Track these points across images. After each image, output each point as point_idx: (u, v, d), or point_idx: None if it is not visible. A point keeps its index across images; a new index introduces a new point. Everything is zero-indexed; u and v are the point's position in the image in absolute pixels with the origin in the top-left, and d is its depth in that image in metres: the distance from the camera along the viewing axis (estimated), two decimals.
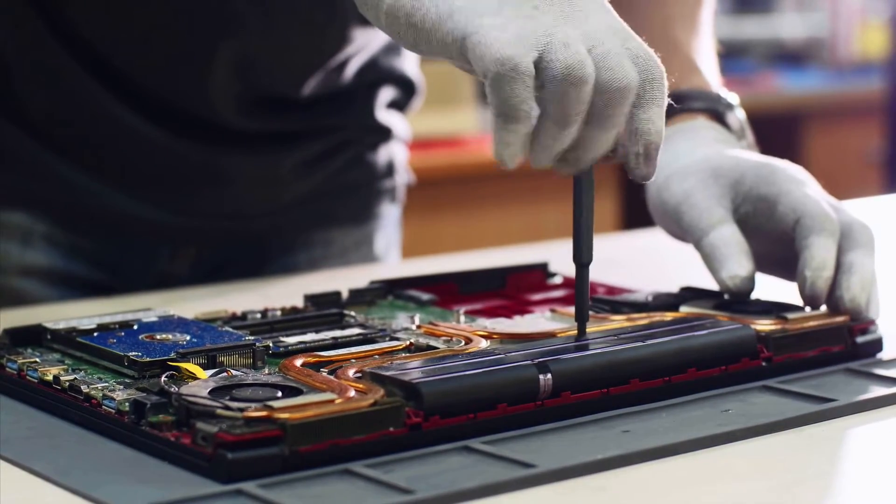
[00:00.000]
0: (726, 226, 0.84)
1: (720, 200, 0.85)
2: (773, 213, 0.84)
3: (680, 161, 0.88)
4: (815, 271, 0.80)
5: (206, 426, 0.61)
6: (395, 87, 1.14)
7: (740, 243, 0.83)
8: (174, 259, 1.07)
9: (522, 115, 0.67)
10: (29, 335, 0.78)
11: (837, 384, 0.75)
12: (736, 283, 0.82)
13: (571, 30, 0.68)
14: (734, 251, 0.83)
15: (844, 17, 4.12)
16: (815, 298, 0.80)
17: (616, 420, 0.69)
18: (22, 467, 0.63)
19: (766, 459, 0.66)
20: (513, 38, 0.66)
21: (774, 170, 0.86)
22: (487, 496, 0.60)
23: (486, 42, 0.66)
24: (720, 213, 0.85)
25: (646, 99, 0.69)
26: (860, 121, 3.70)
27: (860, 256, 0.82)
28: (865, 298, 0.81)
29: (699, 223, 0.85)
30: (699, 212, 0.85)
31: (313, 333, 0.78)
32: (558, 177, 0.72)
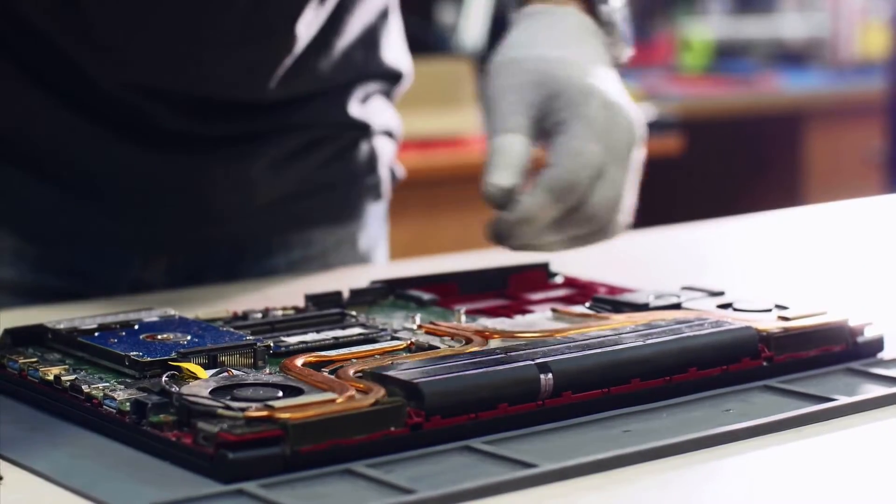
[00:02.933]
0: (512, 135, 0.83)
1: (528, 108, 0.84)
2: (547, 133, 0.85)
3: (519, 51, 0.87)
4: (519, 216, 0.82)
5: (208, 426, 0.61)
6: (376, 81, 1.12)
7: (516, 155, 0.83)
8: (146, 266, 1.05)
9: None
10: (30, 335, 0.78)
11: (838, 384, 0.75)
12: (489, 191, 0.82)
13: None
14: (504, 161, 0.83)
15: (845, 17, 4.12)
16: (500, 232, 0.82)
17: (617, 420, 0.69)
18: (22, 467, 0.63)
19: (766, 459, 0.66)
20: None
21: (588, 104, 0.84)
22: (488, 496, 0.60)
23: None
24: (516, 121, 0.84)
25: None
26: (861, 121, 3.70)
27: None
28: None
29: (494, 125, 0.84)
30: (500, 114, 0.85)
31: (314, 333, 0.78)
32: None
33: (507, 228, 0.82)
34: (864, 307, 0.87)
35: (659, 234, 1.31)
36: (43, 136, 1.01)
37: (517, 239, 0.83)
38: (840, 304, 0.82)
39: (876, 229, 1.31)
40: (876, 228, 1.32)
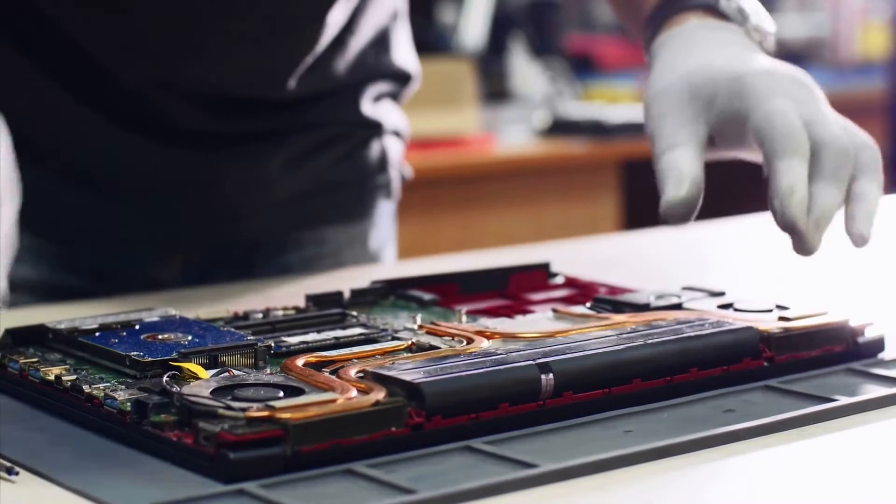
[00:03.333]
0: (679, 149, 0.82)
1: (691, 123, 0.83)
2: (743, 132, 0.83)
3: (665, 78, 0.86)
4: (783, 199, 0.79)
5: (208, 426, 0.61)
6: (386, 81, 1.13)
7: (684, 166, 0.81)
8: (162, 265, 1.06)
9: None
10: (31, 335, 0.78)
11: (839, 384, 0.75)
12: (664, 208, 0.81)
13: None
14: (673, 175, 0.81)
15: (845, 17, 4.12)
16: (790, 226, 0.79)
17: (618, 420, 0.69)
18: (22, 467, 0.63)
19: (767, 459, 0.66)
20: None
21: (745, 84, 0.83)
22: (489, 496, 0.60)
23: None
24: (682, 135, 0.83)
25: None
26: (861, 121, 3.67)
27: (865, 183, 0.82)
28: (871, 228, 0.81)
29: (658, 147, 0.83)
30: (663, 137, 0.83)
31: (315, 333, 0.78)
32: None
33: (793, 213, 0.79)
34: (864, 307, 0.87)
35: (659, 234, 1.31)
36: (60, 134, 1.01)
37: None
38: (841, 304, 0.81)
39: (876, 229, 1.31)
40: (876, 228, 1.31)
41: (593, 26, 3.91)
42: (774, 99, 0.82)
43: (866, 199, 0.81)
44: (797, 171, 0.79)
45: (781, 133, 0.80)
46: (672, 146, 0.82)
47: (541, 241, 1.31)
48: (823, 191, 0.80)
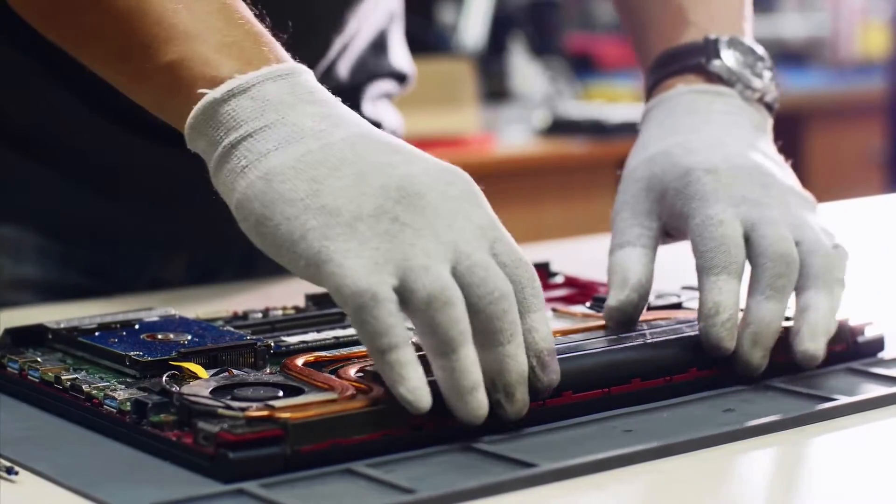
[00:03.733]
0: (626, 249, 0.79)
1: (644, 218, 0.80)
2: (685, 236, 0.79)
3: (636, 158, 0.83)
4: (706, 319, 0.73)
5: (208, 426, 0.61)
6: (384, 81, 1.13)
7: (628, 270, 0.77)
8: (166, 264, 1.06)
9: (396, 340, 0.62)
10: (30, 335, 0.78)
11: (838, 383, 0.75)
12: (607, 315, 0.77)
13: (433, 244, 0.64)
14: (616, 280, 0.78)
15: (846, 16, 4.12)
16: (715, 349, 0.73)
17: (617, 420, 0.69)
18: (22, 467, 0.63)
19: (767, 459, 0.66)
20: (368, 265, 0.63)
21: (689, 183, 0.79)
22: (489, 496, 0.60)
23: (339, 273, 0.63)
24: (633, 233, 0.80)
25: (523, 307, 0.66)
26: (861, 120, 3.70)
27: (812, 295, 0.76)
28: (821, 345, 0.75)
29: (612, 242, 0.80)
30: (616, 232, 0.81)
31: (315, 333, 0.78)
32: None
33: (717, 335, 0.74)
34: (864, 307, 0.87)
35: None
36: (66, 134, 1.01)
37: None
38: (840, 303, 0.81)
39: (876, 229, 1.31)
40: (876, 228, 1.31)
41: (593, 26, 3.91)
42: (713, 205, 0.77)
43: (813, 312, 0.75)
44: (724, 288, 0.74)
45: (710, 247, 0.75)
46: (621, 244, 0.79)
47: (540, 240, 1.31)
48: (759, 305, 0.74)
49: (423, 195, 0.65)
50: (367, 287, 0.62)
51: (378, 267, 0.63)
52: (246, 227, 0.67)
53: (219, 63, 0.68)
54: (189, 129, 0.69)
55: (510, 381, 0.65)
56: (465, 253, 0.64)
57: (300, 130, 0.67)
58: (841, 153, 3.68)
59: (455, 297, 0.63)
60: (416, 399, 0.62)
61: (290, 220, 0.65)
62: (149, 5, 0.70)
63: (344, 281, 0.63)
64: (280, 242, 0.65)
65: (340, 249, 0.63)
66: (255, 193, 0.66)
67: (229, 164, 0.67)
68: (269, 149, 0.66)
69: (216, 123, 0.68)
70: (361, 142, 0.67)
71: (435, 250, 0.64)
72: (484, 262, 0.65)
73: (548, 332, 0.67)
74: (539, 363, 0.67)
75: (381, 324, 0.62)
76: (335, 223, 0.64)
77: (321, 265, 0.64)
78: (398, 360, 0.62)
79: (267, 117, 0.67)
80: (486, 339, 0.64)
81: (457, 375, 0.63)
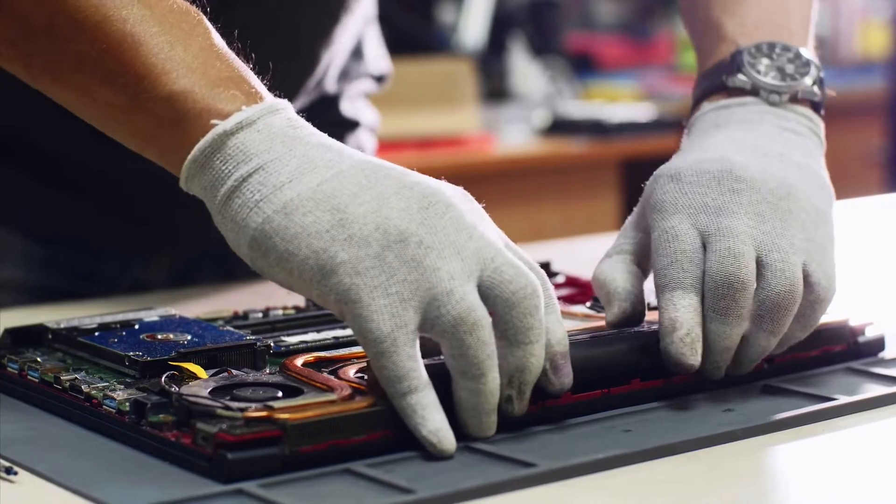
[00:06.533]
0: (602, 262, 0.77)
1: (630, 230, 0.79)
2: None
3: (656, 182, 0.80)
4: (663, 336, 0.71)
5: (207, 426, 0.61)
6: (362, 81, 1.13)
7: (610, 284, 0.75)
8: (149, 266, 1.06)
9: (415, 384, 0.63)
10: (30, 335, 0.78)
11: (838, 383, 0.75)
12: (607, 319, 0.76)
13: (457, 264, 0.64)
14: (602, 294, 0.76)
15: (846, 16, 4.12)
16: (677, 365, 0.71)
17: (616, 420, 0.69)
18: (22, 467, 0.63)
19: (766, 459, 0.66)
20: (394, 303, 0.63)
21: (654, 192, 0.77)
22: (488, 496, 0.60)
23: (365, 316, 0.63)
24: (615, 246, 0.78)
25: (546, 308, 0.66)
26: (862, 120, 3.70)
27: (753, 332, 0.72)
28: (720, 373, 0.73)
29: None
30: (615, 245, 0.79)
31: (314, 333, 0.78)
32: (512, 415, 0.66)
33: (677, 352, 0.71)
34: (864, 307, 0.87)
35: None
36: (49, 139, 1.01)
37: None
38: (841, 303, 0.81)
39: (876, 229, 1.31)
40: (876, 228, 1.31)
41: (593, 26, 3.91)
42: (670, 217, 0.75)
43: (754, 345, 0.73)
44: (680, 304, 0.72)
45: (664, 264, 0.73)
46: (607, 254, 0.78)
47: (540, 240, 1.31)
48: (707, 324, 0.72)
49: (445, 212, 0.65)
50: (389, 332, 0.63)
51: (403, 304, 0.63)
52: (265, 264, 0.66)
53: (223, 96, 0.68)
54: (191, 163, 0.67)
55: (528, 380, 0.65)
56: (489, 258, 0.65)
57: (311, 161, 0.66)
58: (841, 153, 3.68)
59: (481, 318, 0.64)
60: (439, 441, 0.63)
61: (318, 253, 0.64)
62: (143, 37, 0.69)
63: (368, 325, 0.63)
64: (309, 277, 0.64)
65: (369, 286, 0.63)
66: (275, 229, 0.65)
67: (240, 198, 0.66)
68: (284, 181, 0.65)
69: (224, 157, 0.67)
70: (369, 167, 0.67)
71: (459, 269, 0.64)
72: (510, 260, 0.65)
73: (563, 335, 0.67)
74: (552, 366, 0.67)
75: (399, 369, 0.63)
76: (365, 255, 0.64)
77: (349, 304, 0.64)
78: (418, 403, 0.63)
79: (276, 150, 0.66)
80: (515, 336, 0.65)
81: (481, 399, 0.64)
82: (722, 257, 0.72)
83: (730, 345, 0.72)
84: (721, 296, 0.71)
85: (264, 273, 0.66)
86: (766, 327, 0.72)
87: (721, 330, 0.72)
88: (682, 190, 0.76)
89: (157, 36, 0.69)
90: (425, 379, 0.64)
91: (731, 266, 0.72)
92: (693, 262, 0.73)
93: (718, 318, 0.72)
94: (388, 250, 0.64)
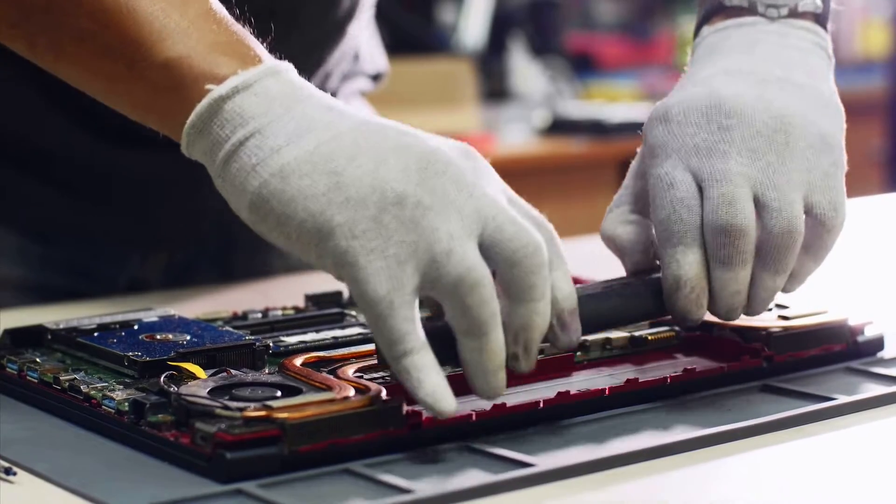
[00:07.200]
0: (605, 220, 0.78)
1: (629, 179, 0.79)
2: None
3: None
4: (668, 294, 0.72)
5: (205, 426, 0.61)
6: (359, 79, 1.13)
7: (612, 240, 0.77)
8: (145, 263, 1.06)
9: (411, 346, 0.63)
10: (30, 335, 0.78)
11: (838, 383, 0.75)
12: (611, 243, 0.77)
13: (456, 223, 0.63)
14: (612, 248, 0.77)
15: (846, 15, 4.11)
16: (683, 321, 0.72)
17: (616, 420, 0.69)
18: (21, 467, 0.63)
19: (766, 459, 0.66)
20: (391, 266, 0.62)
21: (648, 134, 0.76)
22: (487, 496, 0.60)
23: (362, 278, 0.62)
24: (619, 194, 0.78)
25: (552, 264, 0.66)
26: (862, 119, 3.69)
27: (758, 273, 0.72)
28: (734, 316, 0.73)
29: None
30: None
31: (314, 333, 0.78)
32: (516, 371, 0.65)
33: (682, 307, 0.72)
34: (864, 306, 0.87)
35: None
36: (45, 137, 1.01)
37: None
38: (840, 303, 0.81)
39: (876, 229, 1.31)
40: (876, 228, 1.31)
41: (593, 26, 3.91)
42: (664, 162, 0.74)
43: (761, 286, 0.72)
44: (683, 260, 0.72)
45: (663, 216, 0.73)
46: (610, 208, 0.78)
47: None
48: (715, 276, 0.72)
49: (444, 171, 0.64)
50: (385, 294, 0.62)
51: (401, 266, 0.63)
52: (265, 227, 0.66)
53: (219, 61, 0.67)
54: (190, 129, 0.67)
55: (534, 337, 0.65)
56: (490, 216, 0.64)
57: (308, 123, 0.66)
58: None
59: (482, 277, 0.63)
60: (436, 402, 0.63)
61: (314, 216, 0.64)
62: (138, 5, 0.69)
63: (365, 288, 0.63)
64: (307, 240, 0.64)
65: (366, 249, 0.63)
66: (272, 192, 0.65)
67: (238, 162, 0.66)
68: (280, 144, 0.65)
69: (221, 121, 0.67)
70: (370, 128, 0.66)
71: (459, 229, 0.63)
72: (512, 218, 0.64)
73: (571, 291, 0.67)
74: (559, 322, 0.67)
75: (395, 331, 0.63)
76: (361, 217, 0.63)
77: (347, 267, 0.63)
78: (414, 366, 0.63)
79: (273, 112, 0.66)
80: (519, 293, 0.64)
81: (486, 357, 0.64)
82: (717, 205, 0.71)
83: (738, 288, 0.72)
84: (721, 244, 0.71)
85: (265, 236, 0.66)
86: (770, 267, 0.72)
87: (727, 276, 0.71)
88: (672, 131, 0.75)
89: (152, 4, 0.69)
90: (422, 341, 0.63)
91: (727, 214, 0.71)
92: (691, 210, 0.72)
93: (722, 266, 0.72)
94: (385, 212, 0.63)
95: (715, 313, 0.73)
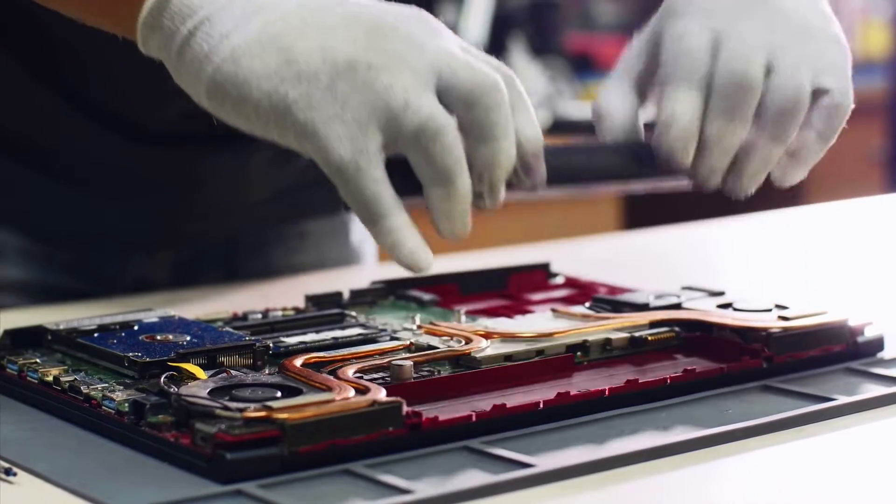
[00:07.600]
0: (603, 90, 0.78)
1: (629, 53, 0.79)
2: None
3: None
4: (661, 130, 0.72)
5: (205, 427, 0.61)
6: None
7: (608, 112, 0.76)
8: (150, 263, 1.06)
9: (385, 207, 0.64)
10: (30, 336, 0.78)
11: (838, 383, 0.75)
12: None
13: (410, 77, 0.64)
14: (605, 125, 0.76)
15: (846, 15, 4.11)
16: (668, 161, 0.72)
17: (615, 420, 0.69)
18: (21, 468, 0.63)
19: (766, 459, 0.66)
20: (351, 129, 0.63)
21: (664, 5, 0.77)
22: (487, 496, 0.60)
23: (325, 146, 0.64)
24: (616, 69, 0.79)
25: (514, 107, 0.66)
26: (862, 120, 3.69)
27: (757, 138, 0.73)
28: (745, 186, 0.74)
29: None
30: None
31: (314, 333, 0.78)
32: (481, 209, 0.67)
33: (669, 146, 0.72)
34: (864, 307, 0.87)
35: (659, 233, 1.31)
36: (47, 135, 1.01)
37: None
38: (840, 303, 0.81)
39: (876, 229, 1.31)
40: (876, 228, 1.31)
41: (593, 26, 3.91)
42: (681, 19, 0.75)
43: (755, 153, 0.73)
44: (682, 97, 0.72)
45: (671, 57, 0.74)
46: (610, 76, 0.78)
47: (540, 240, 1.31)
48: (710, 122, 0.72)
49: (390, 33, 0.65)
50: (350, 158, 0.63)
51: (361, 128, 0.64)
52: (223, 113, 0.66)
53: None
54: (142, 27, 0.68)
55: (499, 176, 0.66)
56: (444, 63, 0.65)
57: (255, 6, 0.66)
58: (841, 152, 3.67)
59: (443, 124, 0.64)
60: (416, 261, 0.65)
61: (269, 95, 0.64)
62: None
63: (329, 156, 0.64)
64: (266, 120, 0.65)
65: (324, 118, 0.64)
66: (226, 76, 0.65)
67: (191, 52, 0.66)
68: (229, 29, 0.66)
69: (171, 14, 0.67)
70: (317, 4, 0.67)
71: (413, 81, 0.64)
72: (465, 62, 0.65)
73: (535, 134, 0.67)
74: (523, 165, 0.67)
75: (365, 193, 0.64)
76: (315, 89, 0.64)
77: (309, 139, 0.64)
78: (390, 227, 0.64)
79: (220, 0, 0.67)
80: (481, 132, 0.65)
81: (453, 204, 0.65)
82: (732, 57, 0.72)
83: (729, 147, 0.72)
84: (727, 95, 0.72)
85: (228, 121, 0.67)
86: (769, 131, 0.72)
87: (723, 128, 0.72)
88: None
89: None
90: (395, 201, 0.64)
91: (741, 65, 0.72)
92: (701, 60, 0.73)
93: (722, 116, 0.72)
94: (338, 80, 0.64)
95: (697, 174, 0.72)
